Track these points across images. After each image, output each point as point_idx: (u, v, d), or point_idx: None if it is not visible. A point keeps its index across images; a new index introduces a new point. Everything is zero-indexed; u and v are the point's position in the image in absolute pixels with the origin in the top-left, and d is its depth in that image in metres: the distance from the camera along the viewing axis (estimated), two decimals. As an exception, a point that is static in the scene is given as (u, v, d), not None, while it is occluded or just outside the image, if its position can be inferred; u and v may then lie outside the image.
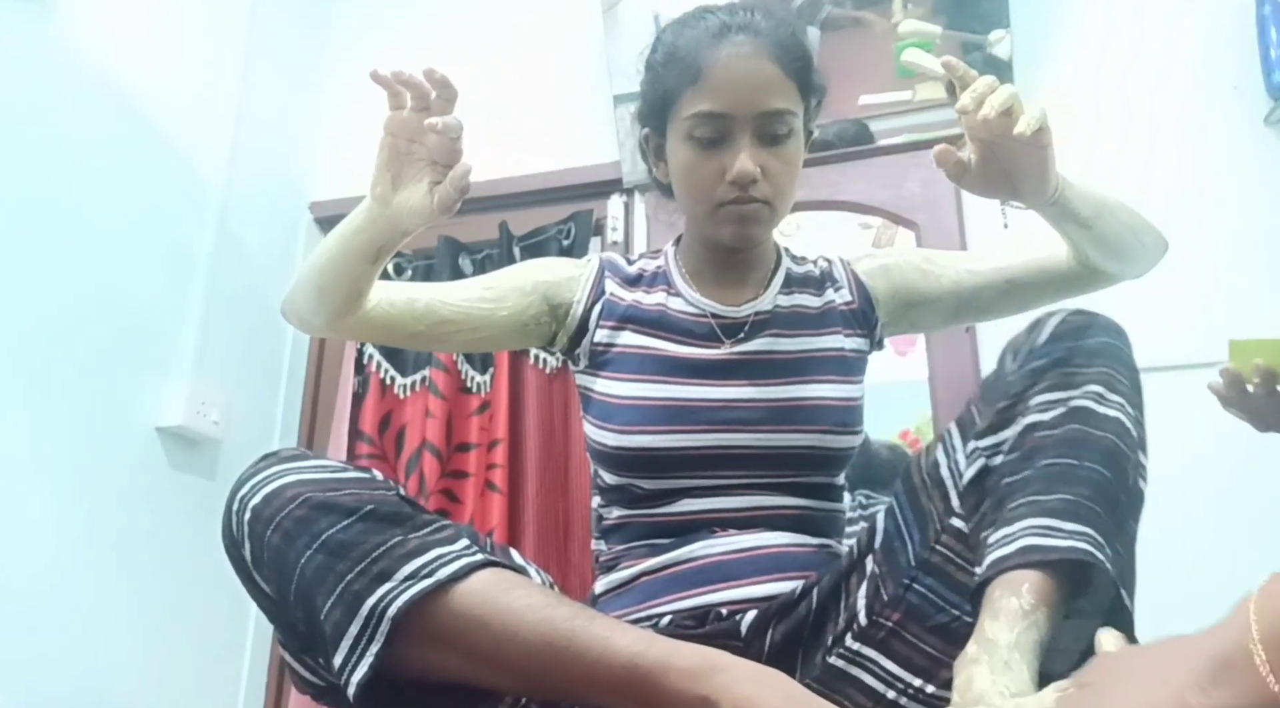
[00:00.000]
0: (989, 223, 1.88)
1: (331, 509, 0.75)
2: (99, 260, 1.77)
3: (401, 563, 0.73)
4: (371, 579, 0.72)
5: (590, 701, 0.74)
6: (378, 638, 0.71)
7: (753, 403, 1.00)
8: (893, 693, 0.83)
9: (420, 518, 0.78)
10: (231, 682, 1.99)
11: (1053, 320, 0.87)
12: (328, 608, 0.72)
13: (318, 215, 2.38)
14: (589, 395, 1.06)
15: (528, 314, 1.06)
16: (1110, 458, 0.77)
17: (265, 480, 0.78)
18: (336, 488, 0.77)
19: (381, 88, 0.88)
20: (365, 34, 2.52)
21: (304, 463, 0.80)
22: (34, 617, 1.57)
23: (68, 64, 1.76)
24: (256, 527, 0.76)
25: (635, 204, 2.17)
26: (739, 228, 1.01)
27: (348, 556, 0.73)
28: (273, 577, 0.76)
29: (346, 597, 0.72)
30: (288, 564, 0.74)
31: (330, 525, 0.74)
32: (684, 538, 0.98)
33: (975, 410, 0.89)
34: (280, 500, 0.76)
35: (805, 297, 1.10)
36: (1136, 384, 0.84)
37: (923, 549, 0.85)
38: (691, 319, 1.06)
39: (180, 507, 1.89)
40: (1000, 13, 1.94)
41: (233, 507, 0.79)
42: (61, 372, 1.67)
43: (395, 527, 0.75)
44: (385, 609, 0.71)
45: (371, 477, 0.82)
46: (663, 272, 1.12)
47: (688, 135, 1.00)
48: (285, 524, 0.75)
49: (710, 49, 0.98)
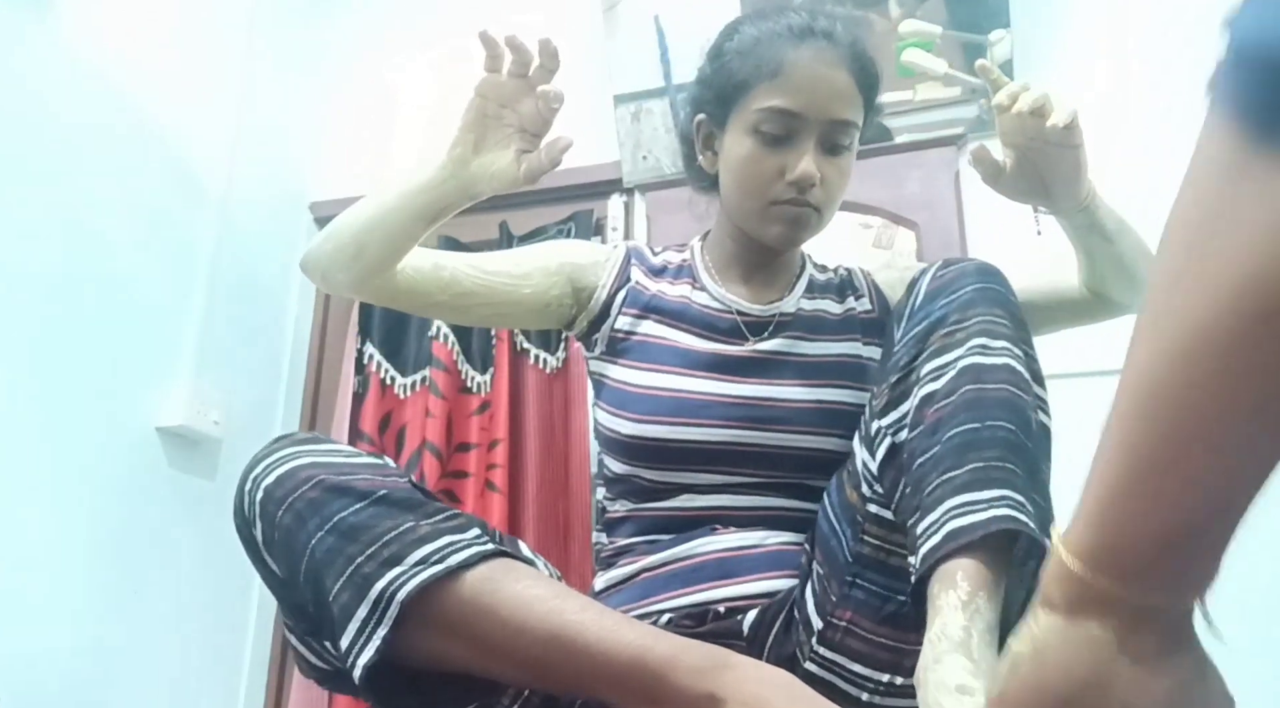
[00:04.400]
0: (989, 223, 1.89)
1: (344, 492, 0.75)
2: (99, 260, 1.77)
3: (413, 548, 0.73)
4: (382, 563, 0.72)
5: (596, 694, 0.74)
6: (385, 622, 0.70)
7: (770, 402, 1.00)
8: (866, 694, 0.83)
9: (432, 506, 0.78)
10: (231, 682, 2.00)
11: (925, 279, 0.87)
12: (336, 590, 0.72)
13: (318, 215, 2.38)
14: (603, 382, 1.06)
15: (551, 294, 1.06)
16: (1009, 408, 0.76)
17: (279, 461, 0.78)
18: (350, 472, 0.77)
19: (484, 48, 0.89)
20: (365, 34, 2.52)
21: (318, 446, 0.80)
22: (34, 616, 1.57)
23: (68, 64, 1.76)
24: (269, 507, 0.76)
25: (635, 204, 2.17)
26: (787, 229, 1.02)
27: (359, 539, 0.73)
28: (283, 557, 0.76)
29: (356, 579, 0.71)
30: (298, 545, 0.74)
31: (343, 508, 0.74)
32: (684, 535, 0.98)
33: (876, 388, 0.89)
34: (293, 481, 0.76)
35: (827, 302, 1.11)
36: (1017, 319, 0.83)
37: (855, 543, 0.85)
38: (715, 314, 1.07)
39: (180, 507, 1.89)
40: (1000, 13, 1.94)
41: (245, 486, 0.79)
42: (62, 372, 1.67)
43: (408, 513, 0.75)
44: (395, 593, 0.70)
45: (384, 463, 0.82)
46: (688, 265, 1.12)
47: (754, 128, 1.00)
48: (297, 505, 0.74)
49: (793, 48, 0.99)
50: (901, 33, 2.00)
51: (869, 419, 0.88)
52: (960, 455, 0.75)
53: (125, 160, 1.86)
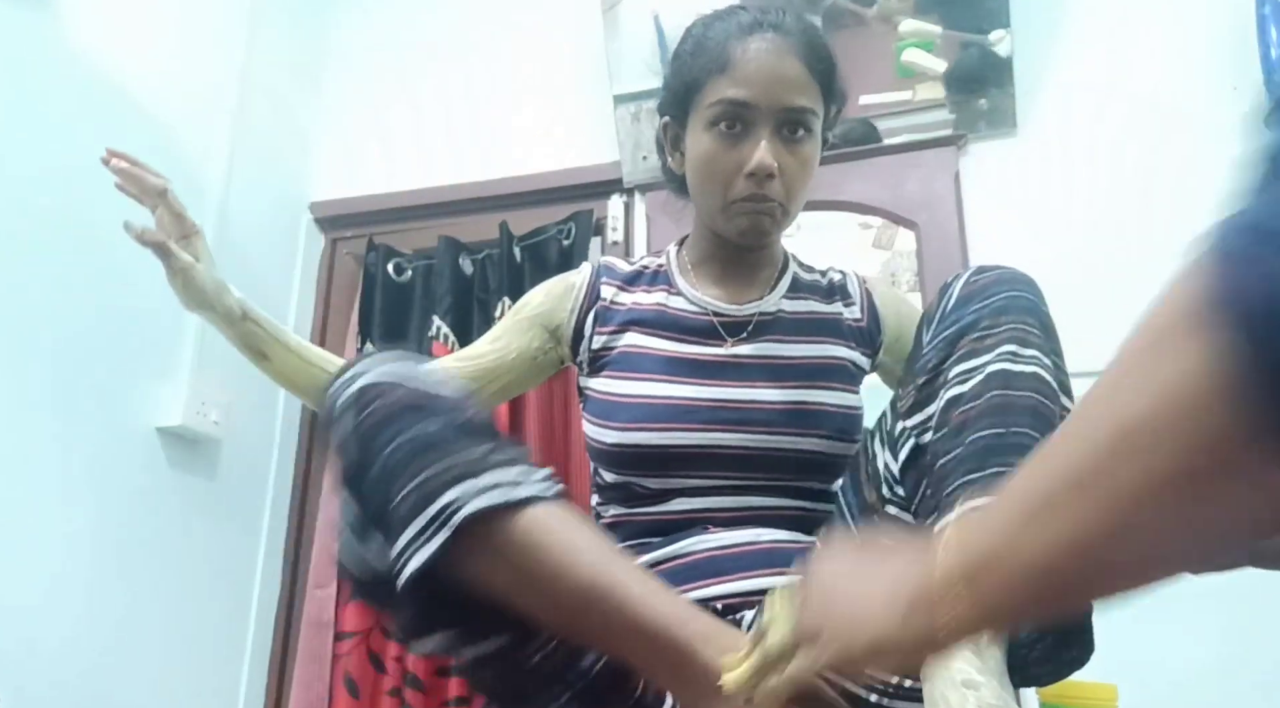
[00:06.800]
0: (989, 223, 1.89)
1: (431, 409, 0.77)
2: (99, 260, 1.77)
3: (483, 473, 0.74)
4: (451, 479, 0.73)
5: (622, 654, 0.75)
6: (442, 533, 0.72)
7: (754, 404, 1.00)
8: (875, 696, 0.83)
9: (508, 441, 0.79)
10: (231, 682, 2.00)
11: (958, 284, 0.87)
12: (402, 495, 0.73)
13: (318, 215, 2.38)
14: (588, 394, 1.07)
15: (533, 347, 1.10)
16: (1035, 415, 0.76)
17: (381, 365, 0.81)
18: (437, 391, 0.80)
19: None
20: (365, 34, 2.52)
21: (416, 365, 0.84)
22: (34, 616, 1.57)
23: (68, 64, 1.76)
24: (361, 400, 0.78)
25: (635, 204, 2.17)
26: (751, 225, 1.02)
27: (435, 452, 0.74)
28: (358, 453, 0.78)
29: (423, 489, 0.73)
30: (376, 447, 0.76)
31: (425, 421, 0.76)
32: (675, 536, 0.98)
33: (902, 390, 0.89)
34: (387, 386, 0.78)
35: (812, 303, 1.11)
36: (1049, 329, 0.83)
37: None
38: (692, 317, 1.07)
39: (180, 507, 1.89)
40: (1000, 12, 1.94)
41: (341, 378, 0.82)
42: (62, 372, 1.67)
43: (485, 441, 0.77)
44: (458, 509, 0.72)
45: (469, 392, 0.84)
46: (664, 271, 1.13)
47: (710, 123, 1.00)
48: (386, 408, 0.77)
49: (740, 41, 1.00)
50: (901, 33, 2.00)
51: (893, 420, 0.88)
52: (982, 459, 0.75)
53: (125, 160, 1.86)
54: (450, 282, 2.16)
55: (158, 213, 1.11)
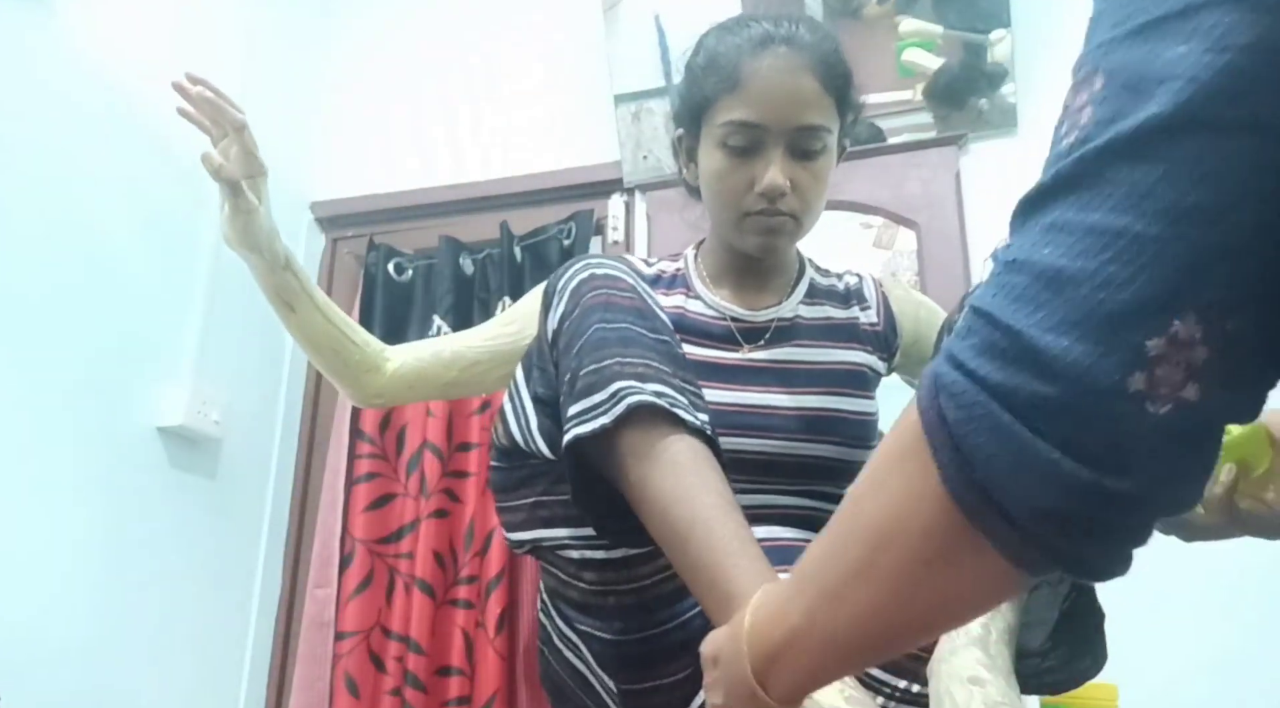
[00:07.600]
0: (989, 223, 1.88)
1: (642, 315, 0.85)
2: (100, 260, 1.77)
3: (658, 381, 0.79)
4: (633, 374, 0.78)
5: (686, 580, 0.75)
6: (612, 412, 0.76)
7: (770, 410, 1.00)
8: (883, 699, 0.83)
9: (690, 375, 0.84)
10: (232, 682, 2.00)
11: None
12: (588, 370, 0.79)
13: (318, 215, 2.38)
14: None
15: None
16: None
17: (617, 264, 0.90)
18: (651, 305, 0.88)
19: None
20: (365, 34, 2.52)
21: (639, 283, 0.90)
22: (34, 616, 1.57)
23: (68, 64, 1.75)
24: (590, 282, 0.86)
25: (636, 204, 2.17)
26: (763, 239, 1.02)
27: (628, 346, 0.81)
28: (568, 325, 0.84)
29: (605, 372, 0.79)
30: (586, 324, 0.83)
31: (632, 322, 0.83)
32: None
33: None
34: (615, 281, 0.87)
35: (829, 309, 1.10)
36: None
37: None
38: (710, 321, 1.07)
39: (181, 507, 1.89)
40: (1000, 12, 1.94)
41: (578, 264, 0.90)
42: (62, 372, 1.67)
43: (674, 364, 0.83)
44: (626, 397, 0.77)
45: (669, 322, 0.90)
46: (682, 274, 1.12)
47: (720, 142, 1.00)
48: (604, 298, 0.85)
49: (751, 58, 0.98)
50: (901, 33, 2.00)
51: None
52: None
53: (126, 160, 1.86)
54: (451, 281, 2.16)
55: (231, 150, 1.17)
